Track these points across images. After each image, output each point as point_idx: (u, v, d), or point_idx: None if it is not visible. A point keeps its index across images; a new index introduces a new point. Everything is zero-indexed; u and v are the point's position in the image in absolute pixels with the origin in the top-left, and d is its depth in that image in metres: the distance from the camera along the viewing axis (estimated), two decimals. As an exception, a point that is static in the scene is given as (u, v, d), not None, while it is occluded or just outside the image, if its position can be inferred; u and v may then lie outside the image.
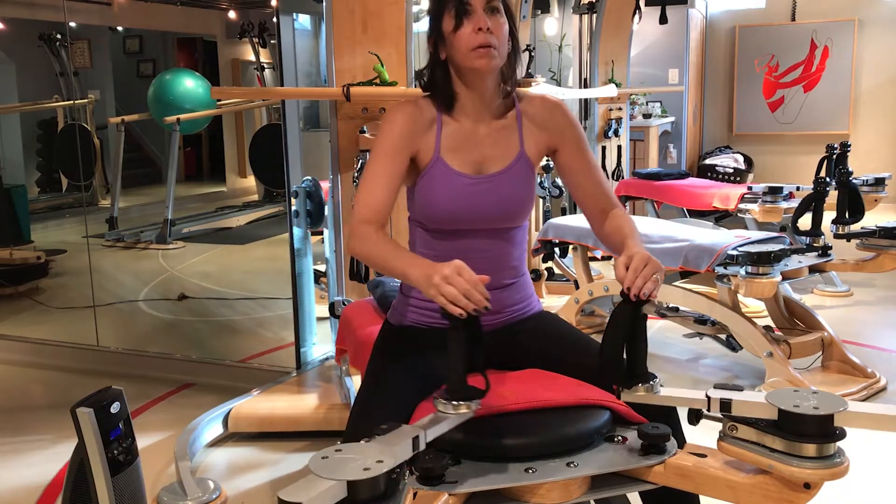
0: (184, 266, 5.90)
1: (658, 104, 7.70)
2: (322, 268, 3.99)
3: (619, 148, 5.96)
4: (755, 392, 1.48)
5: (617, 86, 5.60)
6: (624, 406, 1.64)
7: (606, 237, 1.87)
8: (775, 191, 4.72)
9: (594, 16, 6.27)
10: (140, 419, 3.30)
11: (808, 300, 4.58)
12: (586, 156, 1.91)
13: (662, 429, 1.52)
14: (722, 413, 1.47)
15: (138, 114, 6.41)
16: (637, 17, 6.03)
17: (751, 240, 3.50)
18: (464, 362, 1.50)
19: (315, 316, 3.65)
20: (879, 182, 4.56)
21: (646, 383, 1.58)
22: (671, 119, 7.84)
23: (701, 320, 3.83)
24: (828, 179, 3.71)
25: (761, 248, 3.27)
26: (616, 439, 1.60)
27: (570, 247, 4.17)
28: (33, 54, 6.09)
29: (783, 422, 1.40)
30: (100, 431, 1.97)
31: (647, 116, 7.36)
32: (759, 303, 4.15)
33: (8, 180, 6.00)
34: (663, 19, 6.51)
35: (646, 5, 6.33)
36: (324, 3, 3.18)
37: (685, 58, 8.00)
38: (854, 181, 3.69)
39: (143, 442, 2.41)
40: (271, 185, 6.50)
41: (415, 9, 3.54)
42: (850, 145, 4.75)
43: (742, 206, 4.88)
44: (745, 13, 8.85)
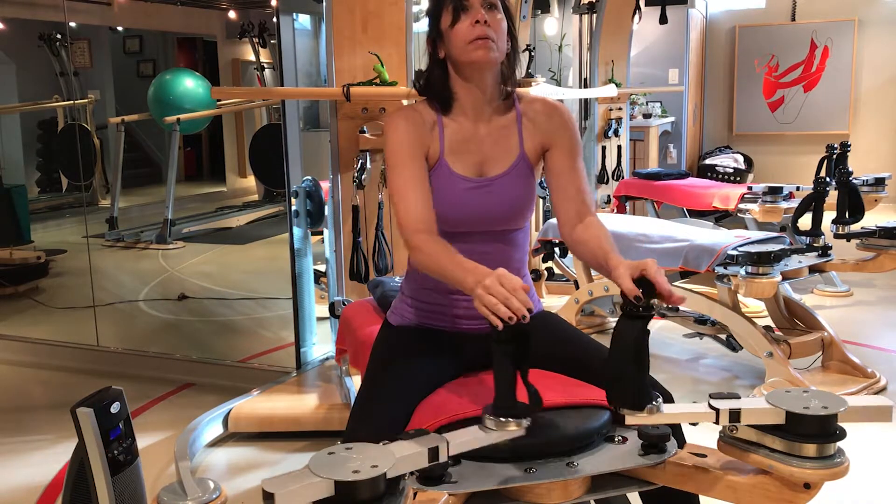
0: (184, 266, 5.90)
1: (658, 104, 7.70)
2: (322, 268, 3.99)
3: (619, 148, 5.95)
4: (756, 398, 1.47)
5: (617, 86, 5.60)
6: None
7: (581, 242, 1.78)
8: (775, 191, 4.72)
9: (594, 16, 6.28)
10: (140, 419, 3.30)
11: (808, 300, 4.59)
12: (576, 162, 1.87)
13: (662, 429, 1.52)
14: (731, 423, 1.45)
15: (138, 114, 6.41)
16: (637, 17, 6.02)
17: (751, 240, 3.50)
18: (511, 376, 1.44)
19: (315, 316, 3.65)
20: (879, 182, 4.56)
21: (649, 404, 1.50)
22: (671, 119, 7.84)
23: (701, 320, 3.83)
24: (828, 179, 3.71)
25: (761, 248, 3.27)
26: (616, 439, 1.60)
27: (571, 247, 4.16)
28: (33, 54, 6.09)
29: (785, 423, 1.40)
30: (100, 431, 1.96)
31: (647, 116, 7.36)
32: (759, 303, 4.15)
33: (8, 180, 6.01)
34: (663, 19, 6.50)
35: (646, 5, 6.32)
36: (324, 3, 3.18)
37: (685, 58, 8.00)
38: (854, 181, 3.68)
39: (143, 442, 2.41)
40: (271, 185, 6.51)
41: (415, 9, 3.54)
42: (850, 145, 4.75)
43: (742, 206, 4.89)
44: (745, 13, 8.85)
